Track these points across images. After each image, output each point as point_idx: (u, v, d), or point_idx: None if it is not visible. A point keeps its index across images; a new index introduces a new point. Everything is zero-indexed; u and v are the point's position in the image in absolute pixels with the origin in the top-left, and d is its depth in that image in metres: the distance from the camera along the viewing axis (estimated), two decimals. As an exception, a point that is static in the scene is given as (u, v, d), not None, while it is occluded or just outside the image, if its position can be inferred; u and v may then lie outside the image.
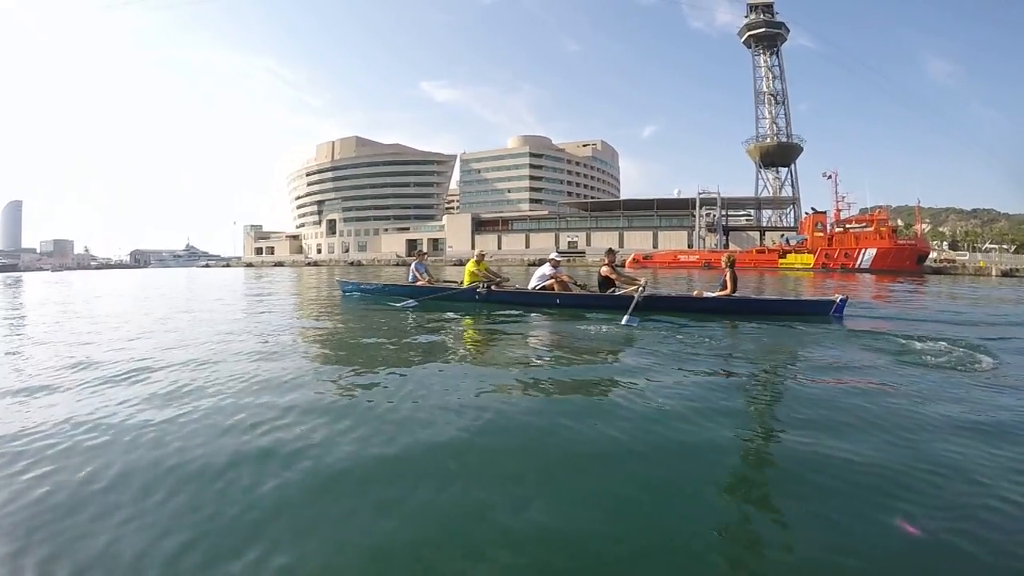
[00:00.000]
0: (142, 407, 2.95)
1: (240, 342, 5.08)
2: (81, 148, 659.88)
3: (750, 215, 68.98)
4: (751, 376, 3.82)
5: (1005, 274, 31.01)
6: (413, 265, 9.96)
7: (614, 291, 7.73)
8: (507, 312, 7.45)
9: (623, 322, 6.09)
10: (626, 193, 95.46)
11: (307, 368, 3.96)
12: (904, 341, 5.16)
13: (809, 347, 4.87)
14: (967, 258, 42.65)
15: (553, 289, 8.09)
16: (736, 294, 7.51)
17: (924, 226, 40.52)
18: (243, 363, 4.08)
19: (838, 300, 6.94)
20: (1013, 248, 57.03)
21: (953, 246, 61.18)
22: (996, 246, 57.41)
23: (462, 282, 8.95)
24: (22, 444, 2.41)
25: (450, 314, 7.42)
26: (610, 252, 8.30)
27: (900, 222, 42.88)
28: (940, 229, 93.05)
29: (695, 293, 8.04)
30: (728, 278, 7.48)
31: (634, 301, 6.87)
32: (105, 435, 2.51)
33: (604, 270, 7.98)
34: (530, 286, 8.40)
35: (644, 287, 7.42)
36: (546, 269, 8.37)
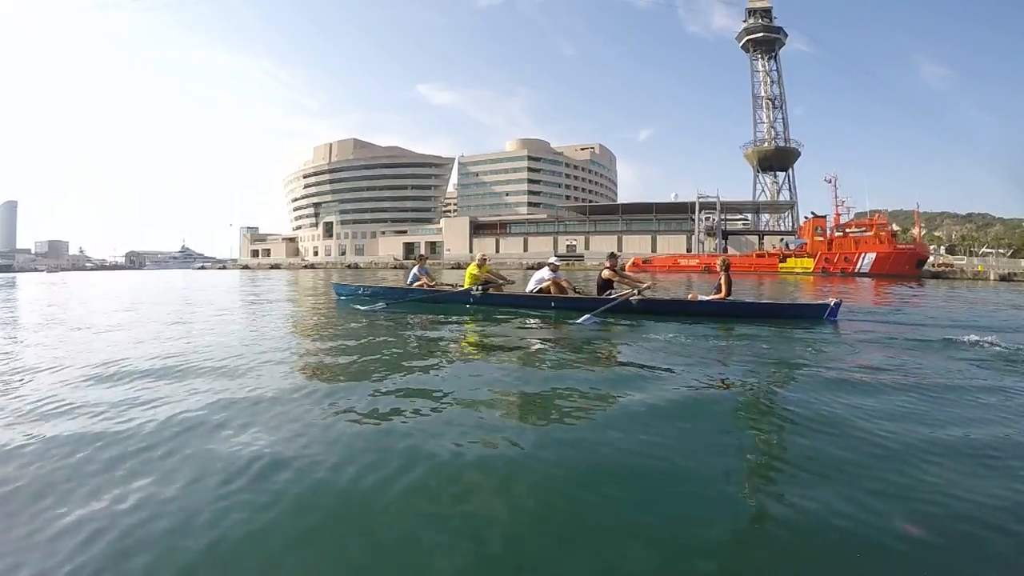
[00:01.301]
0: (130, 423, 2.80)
1: (237, 355, 4.86)
2: (82, 149, 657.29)
3: (747, 219, 69.04)
4: (744, 379, 3.82)
5: (1003, 278, 31.08)
6: (416, 269, 9.97)
7: (610, 293, 7.66)
8: (501, 315, 7.38)
9: (579, 321, 6.30)
10: (622, 197, 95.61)
11: (292, 384, 3.78)
12: (895, 342, 5.30)
13: (802, 350, 4.91)
14: (965, 262, 42.75)
15: (549, 292, 8.02)
16: (731, 298, 7.44)
17: (919, 230, 40.46)
18: (231, 378, 3.92)
19: (832, 304, 6.93)
20: (1009, 252, 57.21)
21: (950, 250, 61.39)
22: (993, 250, 57.63)
23: (462, 285, 8.88)
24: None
25: (443, 317, 7.36)
26: (612, 256, 8.26)
27: (896, 226, 42.94)
28: (935, 233, 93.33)
29: (690, 296, 7.99)
30: (723, 281, 7.43)
31: (611, 303, 7.09)
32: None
33: (605, 273, 7.95)
34: (527, 289, 8.37)
35: (641, 291, 7.40)
36: (544, 273, 8.33)
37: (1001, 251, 57.23)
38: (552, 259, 8.67)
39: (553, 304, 7.77)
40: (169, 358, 4.42)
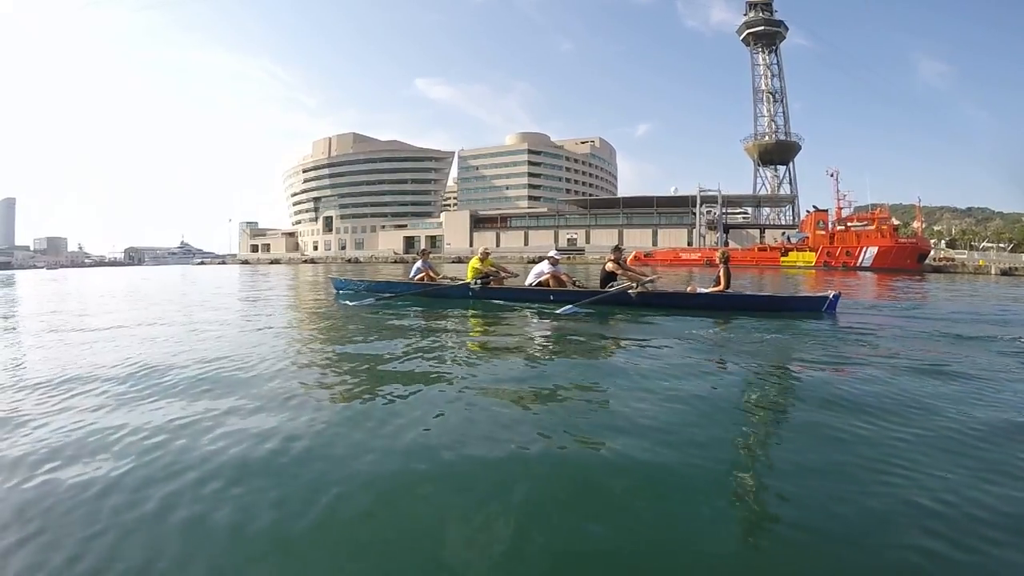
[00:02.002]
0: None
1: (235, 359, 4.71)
2: (82, 148, 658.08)
3: (747, 213, 68.81)
4: (742, 372, 3.81)
5: (1004, 273, 30.99)
6: (419, 263, 10.00)
7: (613, 286, 7.64)
8: (500, 310, 7.35)
9: (559, 312, 6.54)
10: (621, 193, 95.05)
11: (319, 393, 3.47)
12: (892, 336, 5.26)
13: (799, 342, 4.90)
14: (966, 257, 42.61)
15: (548, 285, 7.99)
16: (729, 290, 7.42)
17: (920, 224, 40.32)
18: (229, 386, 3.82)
19: (831, 296, 6.92)
20: (1010, 247, 57.01)
21: (951, 244, 61.20)
22: (993, 245, 57.41)
23: (464, 279, 8.89)
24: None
25: (443, 311, 7.33)
26: (617, 249, 8.23)
27: (896, 220, 42.79)
28: (935, 228, 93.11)
29: (689, 289, 7.96)
30: (722, 274, 7.40)
31: (604, 295, 7.22)
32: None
33: (609, 266, 7.94)
34: (527, 282, 8.38)
35: (644, 284, 7.42)
36: (544, 266, 8.31)
37: (1001, 245, 57.02)
38: (552, 252, 8.64)
39: (552, 297, 7.74)
40: (180, 368, 3.94)
